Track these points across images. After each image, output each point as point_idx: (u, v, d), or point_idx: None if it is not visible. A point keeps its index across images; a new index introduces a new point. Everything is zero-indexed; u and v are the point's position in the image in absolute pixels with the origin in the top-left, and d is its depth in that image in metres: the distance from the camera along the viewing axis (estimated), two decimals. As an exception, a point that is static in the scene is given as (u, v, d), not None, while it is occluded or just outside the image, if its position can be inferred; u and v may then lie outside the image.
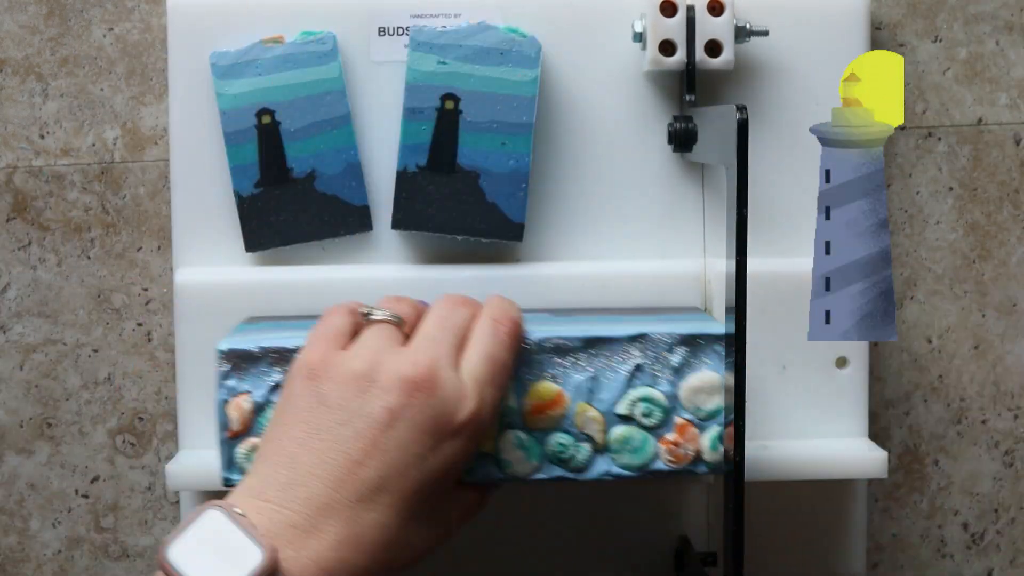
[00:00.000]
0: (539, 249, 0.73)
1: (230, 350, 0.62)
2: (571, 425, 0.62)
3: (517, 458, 0.62)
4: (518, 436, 0.62)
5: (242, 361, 0.62)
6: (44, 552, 0.77)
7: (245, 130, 0.70)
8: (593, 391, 0.62)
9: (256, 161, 0.70)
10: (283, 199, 0.70)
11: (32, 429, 0.77)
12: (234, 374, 0.62)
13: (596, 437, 0.62)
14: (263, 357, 0.62)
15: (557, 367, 0.62)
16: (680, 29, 0.69)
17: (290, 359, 0.61)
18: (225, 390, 0.62)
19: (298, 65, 0.70)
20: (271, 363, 0.62)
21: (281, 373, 0.62)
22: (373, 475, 0.55)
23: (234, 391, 0.62)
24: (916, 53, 0.76)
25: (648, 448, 0.62)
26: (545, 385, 0.62)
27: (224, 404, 0.62)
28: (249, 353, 0.62)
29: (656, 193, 0.72)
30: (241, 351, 0.62)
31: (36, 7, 0.75)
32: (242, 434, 0.62)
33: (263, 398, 0.62)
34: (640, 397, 0.62)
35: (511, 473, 0.62)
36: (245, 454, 0.62)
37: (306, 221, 0.71)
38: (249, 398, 0.62)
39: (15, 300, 0.76)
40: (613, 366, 0.62)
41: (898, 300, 0.76)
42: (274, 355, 0.62)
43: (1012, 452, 0.78)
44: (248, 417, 0.62)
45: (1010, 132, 0.77)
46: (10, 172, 0.76)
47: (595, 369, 0.62)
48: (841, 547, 0.74)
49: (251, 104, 0.70)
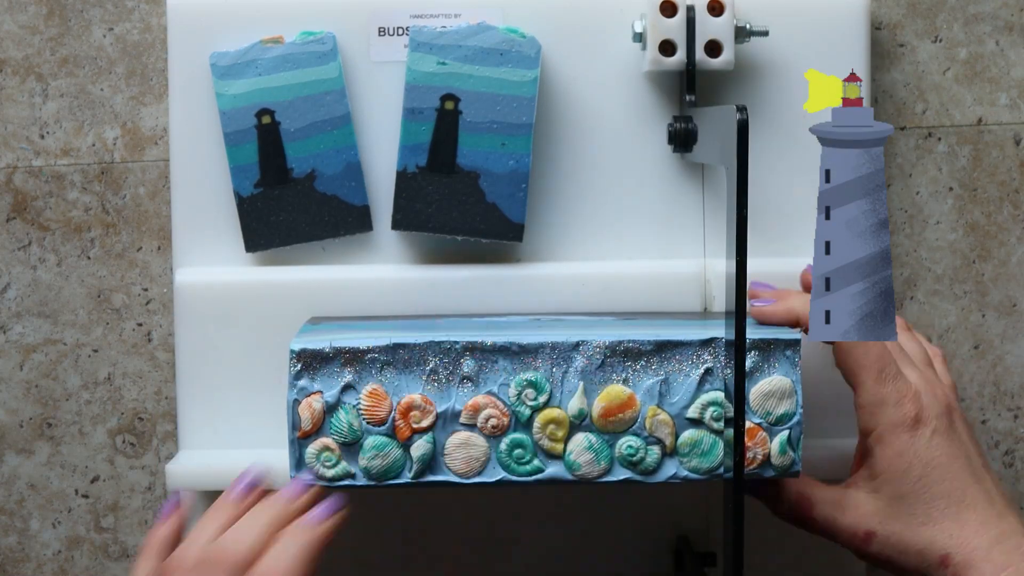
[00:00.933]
0: (539, 249, 0.73)
1: (302, 350, 0.62)
2: (641, 428, 0.62)
3: (587, 460, 0.62)
4: (588, 439, 0.62)
5: (314, 361, 0.62)
6: (44, 552, 0.77)
7: (245, 130, 0.70)
8: (664, 394, 0.63)
9: (256, 161, 0.70)
10: (283, 199, 0.70)
11: (32, 429, 0.77)
12: (305, 374, 0.62)
13: (666, 440, 0.62)
14: (335, 357, 0.62)
15: (628, 370, 0.63)
16: (680, 29, 0.69)
17: (363, 360, 0.62)
18: (296, 390, 0.62)
19: (298, 65, 0.70)
20: (343, 363, 0.62)
21: (352, 374, 0.62)
22: None
23: (306, 391, 0.62)
24: (916, 53, 0.76)
25: (717, 452, 0.63)
26: (616, 388, 0.62)
27: (295, 404, 0.62)
28: (321, 353, 0.62)
29: (656, 193, 0.72)
30: (313, 351, 0.62)
31: (36, 7, 0.75)
32: (312, 434, 0.62)
33: (334, 398, 0.62)
34: (710, 401, 0.62)
35: (580, 475, 0.63)
36: (315, 454, 0.62)
37: (306, 221, 0.71)
38: (320, 398, 0.62)
39: (15, 300, 0.76)
40: (684, 370, 0.63)
41: (898, 300, 0.76)
42: (346, 355, 0.62)
43: (1012, 452, 0.78)
44: (319, 417, 0.62)
45: (1010, 132, 0.77)
46: (10, 172, 0.76)
47: (666, 373, 0.63)
48: (841, 547, 0.74)
49: (251, 104, 0.70)
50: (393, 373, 0.62)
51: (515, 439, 0.62)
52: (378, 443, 0.62)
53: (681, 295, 0.71)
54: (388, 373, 0.62)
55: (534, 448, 0.62)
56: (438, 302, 0.71)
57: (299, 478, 0.62)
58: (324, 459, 0.62)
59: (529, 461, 0.63)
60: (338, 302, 0.71)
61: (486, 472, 0.63)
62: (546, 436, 0.62)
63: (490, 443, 0.62)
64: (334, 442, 0.62)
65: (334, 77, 0.70)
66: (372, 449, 0.62)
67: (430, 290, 0.71)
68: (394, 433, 0.62)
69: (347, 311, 0.71)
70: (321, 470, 0.62)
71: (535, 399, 0.62)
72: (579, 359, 0.62)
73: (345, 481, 0.62)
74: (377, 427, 0.62)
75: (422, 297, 0.71)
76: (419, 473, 0.62)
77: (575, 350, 0.62)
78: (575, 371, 0.62)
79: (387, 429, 0.62)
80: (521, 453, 0.62)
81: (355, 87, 0.71)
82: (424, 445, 0.62)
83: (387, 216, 0.71)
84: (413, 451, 0.62)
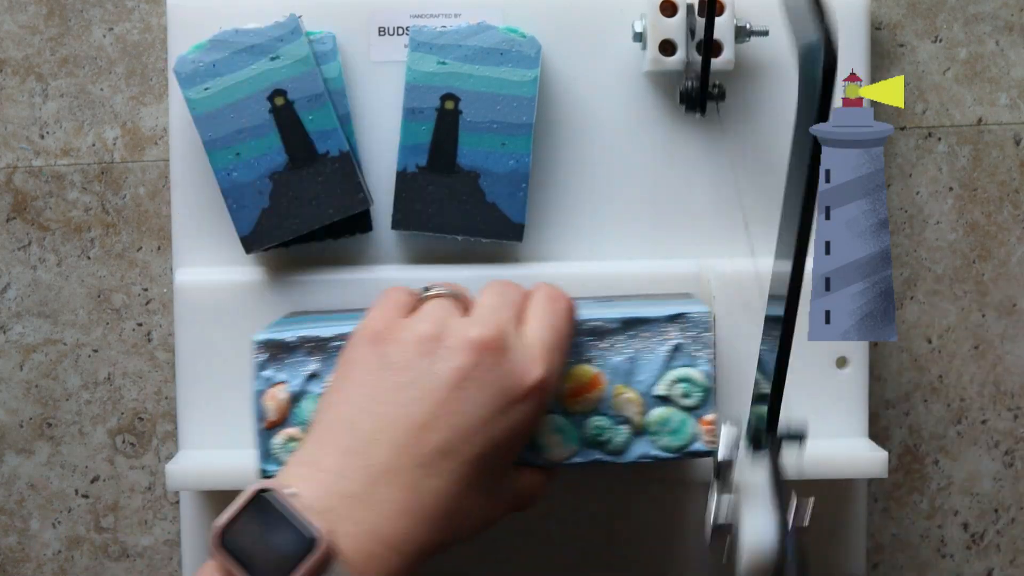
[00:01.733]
0: (539, 249, 0.73)
1: (266, 340, 0.62)
2: (609, 408, 0.62)
3: (555, 442, 0.62)
4: (555, 420, 0.62)
5: (278, 351, 0.62)
6: (44, 552, 0.77)
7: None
8: (631, 373, 0.62)
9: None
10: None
11: (32, 429, 0.77)
12: (270, 364, 0.62)
13: (634, 419, 0.62)
14: (299, 346, 0.62)
15: (594, 349, 0.62)
16: (680, 29, 0.69)
17: (327, 348, 0.61)
18: (261, 380, 0.62)
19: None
20: (308, 352, 0.62)
21: (318, 362, 0.61)
22: (438, 439, 0.53)
23: (270, 381, 0.62)
24: (916, 53, 0.76)
25: (687, 429, 0.62)
26: (582, 368, 0.62)
27: (260, 395, 0.62)
28: (285, 342, 0.62)
29: (656, 193, 0.72)
30: (277, 341, 0.62)
31: (36, 7, 0.75)
32: (278, 424, 0.62)
33: (300, 388, 0.62)
34: (679, 377, 0.62)
35: (548, 457, 0.62)
36: (282, 444, 0.62)
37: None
38: (285, 388, 0.62)
39: (15, 300, 0.76)
40: (651, 347, 0.62)
41: (898, 300, 0.76)
42: (311, 344, 0.62)
43: (1012, 452, 0.78)
44: (284, 407, 0.62)
45: (1010, 132, 0.77)
46: (10, 172, 0.76)
47: (633, 350, 0.62)
48: (841, 547, 0.74)
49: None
50: None
51: None
52: None
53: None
54: None
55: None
56: (438, 302, 0.71)
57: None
58: (290, 449, 0.62)
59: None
60: (338, 302, 0.71)
61: None
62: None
63: None
64: (300, 431, 0.62)
65: (334, 77, 0.70)
66: None
67: (430, 290, 0.71)
68: None
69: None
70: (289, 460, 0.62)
71: None
72: None
73: None
74: None
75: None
76: None
77: None
78: None
79: None
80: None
81: (355, 87, 0.71)
82: None
83: (387, 216, 0.71)
84: None
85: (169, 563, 0.77)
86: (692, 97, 0.69)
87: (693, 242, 0.73)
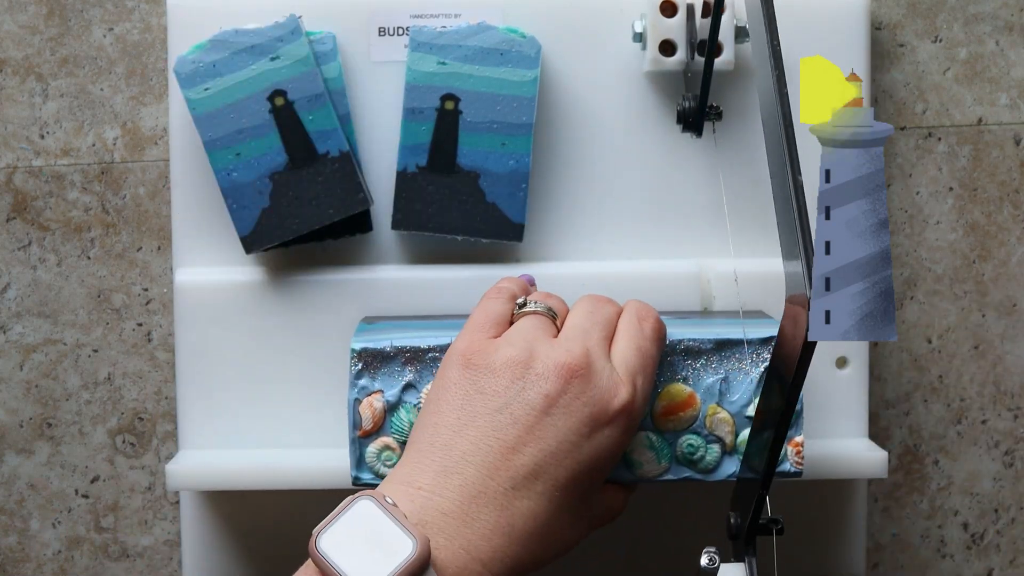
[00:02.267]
0: (539, 249, 0.73)
1: (363, 349, 0.63)
2: (701, 426, 0.63)
3: (648, 459, 0.63)
4: (649, 437, 0.63)
5: (374, 360, 0.63)
6: (44, 552, 0.77)
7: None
8: (724, 393, 0.63)
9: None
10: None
11: (32, 429, 0.77)
12: (366, 373, 0.63)
13: (726, 439, 0.63)
14: (395, 356, 0.63)
15: (688, 369, 0.63)
16: (680, 29, 0.69)
17: (423, 359, 0.62)
18: (357, 389, 0.63)
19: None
20: (404, 362, 0.63)
21: (414, 373, 0.63)
22: (528, 462, 0.55)
23: (366, 390, 0.63)
24: (916, 53, 0.76)
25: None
26: (677, 387, 0.63)
27: (356, 403, 0.63)
28: (382, 352, 0.63)
29: (656, 193, 0.72)
30: (374, 350, 0.63)
31: (36, 7, 0.75)
32: (372, 433, 0.63)
33: (395, 398, 0.63)
34: None
35: (641, 474, 0.63)
36: (376, 453, 0.63)
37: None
38: (381, 397, 0.63)
39: (15, 300, 0.76)
40: (744, 368, 0.63)
41: (898, 300, 0.76)
42: (407, 354, 0.63)
43: (1012, 452, 0.78)
44: (380, 416, 0.63)
45: (1010, 132, 0.77)
46: (10, 172, 0.76)
47: (726, 371, 0.63)
48: (841, 547, 0.74)
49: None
50: None
51: None
52: None
53: (681, 295, 0.71)
54: None
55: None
56: (438, 302, 0.71)
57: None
58: (384, 458, 0.63)
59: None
60: (338, 302, 0.71)
61: None
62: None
63: None
64: (395, 441, 0.63)
65: (334, 77, 0.70)
66: None
67: (430, 290, 0.71)
68: None
69: (347, 311, 0.71)
70: (382, 469, 0.63)
71: None
72: None
73: None
74: None
75: (422, 297, 0.71)
76: None
77: None
78: None
79: None
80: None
81: (355, 87, 0.71)
82: None
83: (387, 216, 0.71)
84: None
85: (169, 563, 0.77)
86: (688, 118, 0.69)
87: (693, 242, 0.73)
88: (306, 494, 0.72)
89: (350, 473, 0.63)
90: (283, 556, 0.74)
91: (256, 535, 0.73)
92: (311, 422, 0.71)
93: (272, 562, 0.73)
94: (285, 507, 0.73)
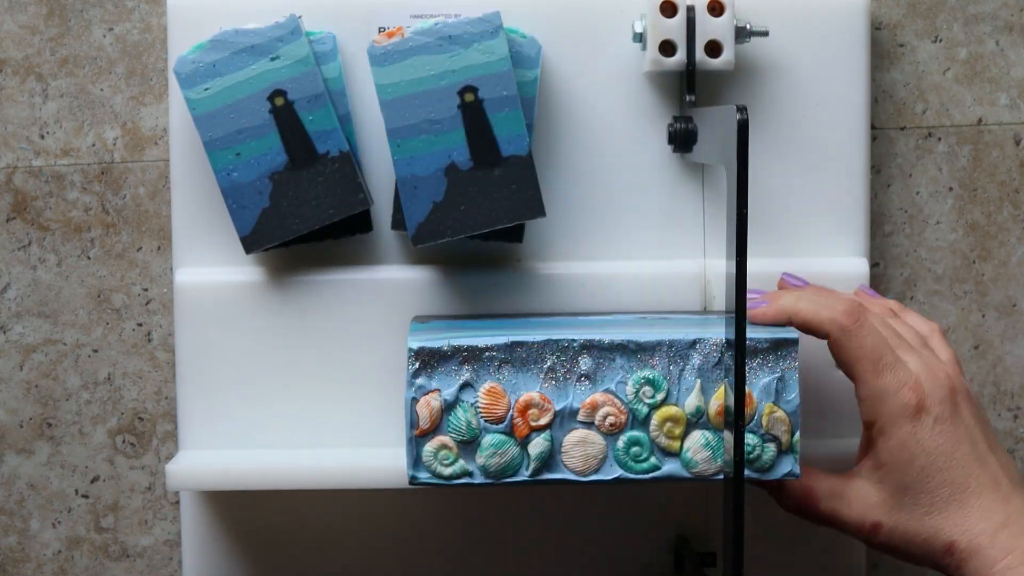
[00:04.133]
0: (539, 249, 0.73)
1: (420, 348, 0.63)
2: (758, 426, 0.63)
3: (704, 458, 0.63)
4: (705, 436, 0.63)
5: (432, 359, 0.63)
6: (44, 552, 0.77)
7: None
8: (780, 392, 0.63)
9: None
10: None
11: (32, 429, 0.77)
12: (423, 372, 0.63)
13: (782, 438, 0.63)
14: (453, 355, 0.63)
15: (745, 368, 0.63)
16: (680, 29, 0.69)
17: (481, 358, 0.63)
18: (414, 388, 0.63)
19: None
20: (461, 361, 0.63)
21: (470, 372, 0.63)
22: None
23: (423, 389, 0.63)
24: (916, 53, 0.76)
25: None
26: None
27: (413, 402, 0.63)
28: (439, 351, 0.63)
29: (656, 193, 0.72)
30: (431, 349, 0.63)
31: (36, 7, 0.75)
32: (429, 432, 0.63)
33: (453, 397, 0.63)
34: None
35: (697, 472, 0.63)
36: (433, 452, 0.63)
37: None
38: (439, 396, 0.63)
39: (15, 300, 0.76)
40: (799, 367, 0.63)
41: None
42: (464, 353, 0.63)
43: (1012, 452, 0.78)
44: (437, 415, 0.63)
45: (1010, 132, 0.77)
46: (10, 172, 0.76)
47: (782, 370, 0.63)
48: (841, 547, 0.74)
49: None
50: (511, 371, 0.63)
51: (632, 437, 0.63)
52: (496, 441, 0.62)
53: (681, 295, 0.71)
54: (506, 371, 0.63)
55: (651, 446, 0.63)
56: (438, 302, 0.71)
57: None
58: (442, 457, 0.63)
59: (646, 459, 0.63)
60: (338, 302, 0.71)
61: (603, 470, 0.63)
62: (663, 434, 0.63)
63: (607, 441, 0.63)
64: (452, 440, 0.63)
65: (334, 77, 0.70)
66: (490, 447, 0.62)
67: (430, 290, 0.71)
68: (512, 431, 0.63)
69: (347, 311, 0.71)
70: (439, 468, 0.63)
71: (653, 397, 0.63)
72: (696, 357, 0.63)
73: (462, 479, 0.63)
74: (495, 425, 0.63)
75: (422, 297, 0.71)
76: (536, 471, 0.63)
77: (692, 348, 0.63)
78: (692, 369, 0.63)
79: (505, 427, 0.63)
80: (638, 451, 0.63)
81: (355, 87, 0.71)
82: (542, 443, 0.62)
83: (387, 216, 0.71)
84: (531, 449, 0.63)
85: (169, 563, 0.77)
86: (680, 140, 0.70)
87: (693, 242, 0.73)
88: (306, 494, 0.72)
89: (407, 472, 0.63)
90: (283, 556, 0.74)
91: (256, 535, 0.73)
92: (311, 422, 0.71)
93: (272, 562, 0.73)
94: (285, 507, 0.73)
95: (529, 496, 0.73)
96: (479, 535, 0.74)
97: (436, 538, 0.74)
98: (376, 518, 0.73)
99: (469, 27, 0.67)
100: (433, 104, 0.67)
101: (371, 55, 0.67)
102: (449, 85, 0.67)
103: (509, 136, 0.68)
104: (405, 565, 0.74)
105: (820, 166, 0.72)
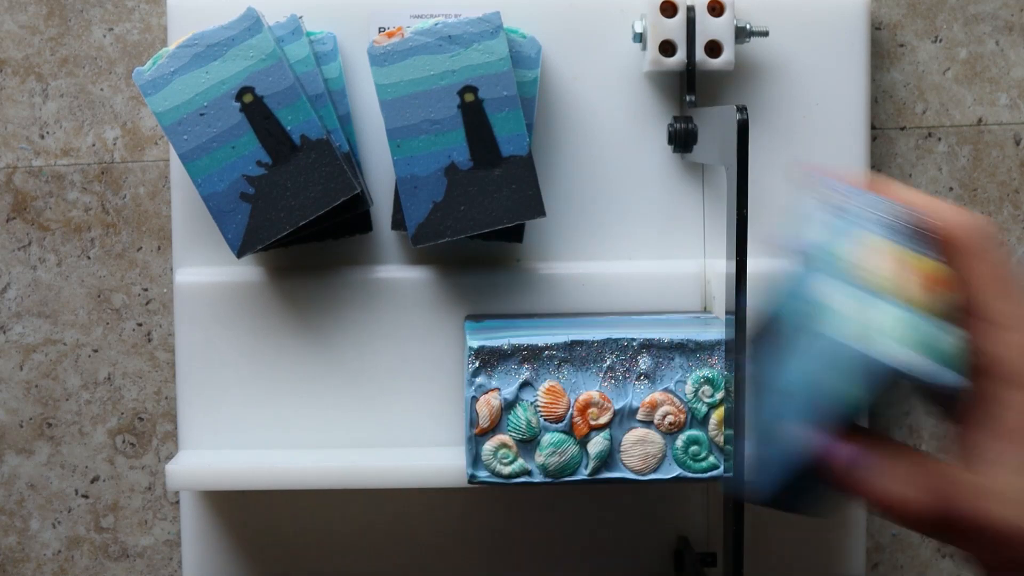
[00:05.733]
0: (539, 249, 0.73)
1: (480, 347, 0.63)
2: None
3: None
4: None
5: (492, 358, 0.63)
6: (44, 552, 0.77)
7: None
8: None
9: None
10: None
11: (32, 429, 0.77)
12: (483, 371, 0.63)
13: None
14: (513, 354, 0.63)
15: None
16: (680, 29, 0.69)
17: (540, 357, 0.63)
18: (474, 387, 0.63)
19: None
20: (521, 360, 0.63)
21: (530, 371, 0.63)
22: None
23: (483, 388, 0.63)
24: (916, 53, 0.76)
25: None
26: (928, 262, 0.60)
27: (473, 401, 0.63)
28: (499, 350, 0.63)
29: (656, 193, 0.72)
30: (491, 348, 0.63)
31: (36, 7, 0.75)
32: (489, 431, 0.63)
33: (512, 395, 0.63)
34: None
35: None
36: (492, 451, 0.63)
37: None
38: (498, 395, 0.63)
39: (15, 300, 0.76)
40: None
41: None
42: (524, 352, 0.63)
43: (1012, 452, 0.78)
44: (497, 414, 0.63)
45: (1010, 132, 0.77)
46: (10, 172, 0.76)
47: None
48: (841, 547, 0.74)
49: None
50: (570, 370, 0.63)
51: (691, 436, 0.63)
52: (556, 440, 0.63)
53: (681, 295, 0.71)
54: (565, 370, 0.63)
55: (710, 445, 0.63)
56: (438, 302, 0.71)
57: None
58: (501, 456, 0.63)
59: (705, 458, 0.63)
60: (338, 302, 0.71)
61: (662, 469, 0.63)
62: (722, 433, 0.63)
63: (666, 440, 0.63)
64: (511, 439, 0.63)
65: (334, 77, 0.70)
66: (549, 446, 0.63)
67: (430, 290, 0.71)
68: (571, 430, 0.63)
69: (347, 311, 0.71)
70: (498, 467, 0.63)
71: (712, 396, 0.63)
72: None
73: (522, 478, 0.63)
74: (555, 424, 0.63)
75: (422, 297, 0.71)
76: (596, 470, 0.63)
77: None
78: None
79: (565, 426, 0.63)
80: (697, 450, 0.63)
81: (355, 87, 0.71)
82: (601, 442, 0.63)
83: (387, 216, 0.71)
84: (590, 448, 0.63)
85: (169, 563, 0.77)
86: (680, 140, 0.70)
87: (693, 242, 0.73)
88: (306, 494, 0.72)
89: (466, 471, 0.64)
90: (283, 556, 0.74)
91: (256, 535, 0.73)
92: (311, 422, 0.71)
93: (272, 562, 0.73)
94: (285, 507, 0.73)
95: (530, 496, 0.73)
96: (479, 535, 0.74)
97: (436, 538, 0.74)
98: (375, 518, 0.73)
99: (469, 27, 0.67)
100: (433, 104, 0.67)
101: (371, 55, 0.67)
102: (449, 85, 0.67)
103: (509, 136, 0.68)
104: (405, 565, 0.74)
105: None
